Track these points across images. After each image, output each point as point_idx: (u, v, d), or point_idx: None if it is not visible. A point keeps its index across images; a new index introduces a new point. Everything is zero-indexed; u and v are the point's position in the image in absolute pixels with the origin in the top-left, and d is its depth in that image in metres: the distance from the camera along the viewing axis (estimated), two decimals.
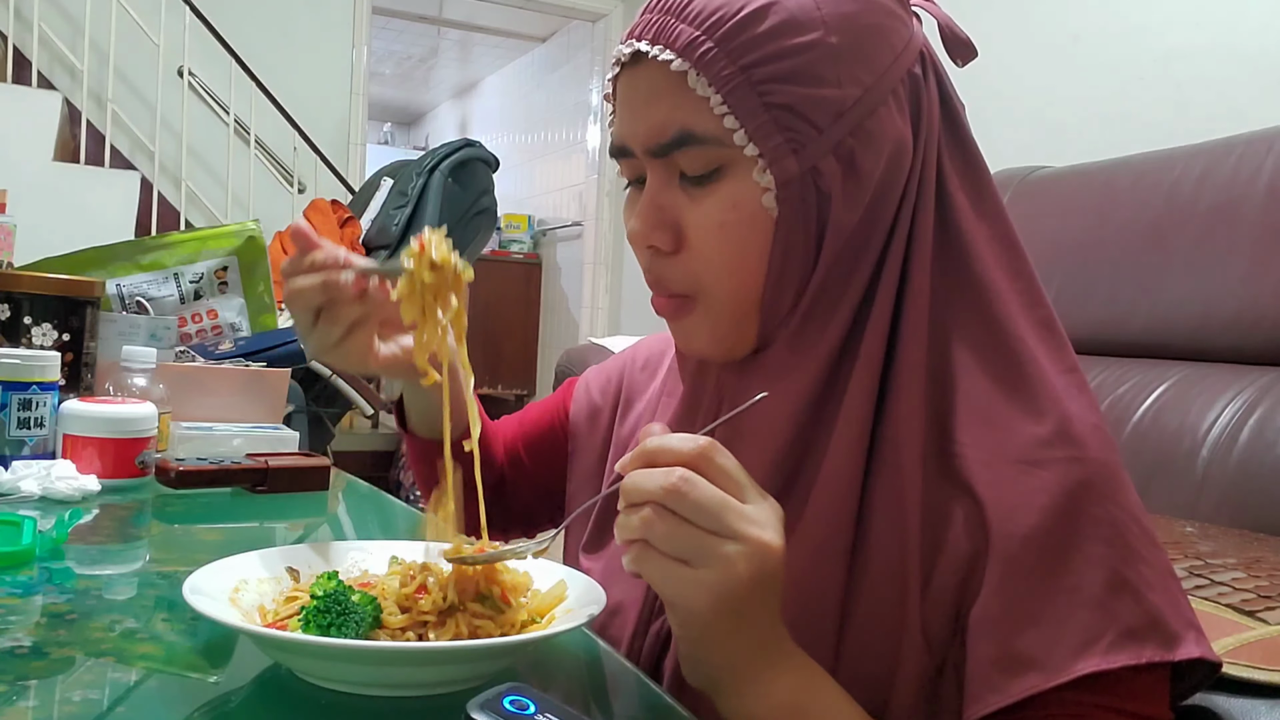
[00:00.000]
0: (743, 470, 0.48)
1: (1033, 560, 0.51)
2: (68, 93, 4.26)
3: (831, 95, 0.54)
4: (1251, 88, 2.11)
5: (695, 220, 0.57)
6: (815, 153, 0.54)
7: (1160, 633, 0.50)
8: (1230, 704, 0.89)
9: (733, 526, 0.46)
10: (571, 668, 0.60)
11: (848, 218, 0.56)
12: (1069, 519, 0.51)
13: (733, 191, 0.56)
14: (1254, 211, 1.58)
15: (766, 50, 0.53)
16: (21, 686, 0.48)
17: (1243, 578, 1.07)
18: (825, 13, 0.54)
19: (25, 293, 1.14)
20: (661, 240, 0.58)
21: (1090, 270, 1.84)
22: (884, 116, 0.56)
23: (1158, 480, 1.57)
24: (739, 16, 0.54)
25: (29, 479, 0.88)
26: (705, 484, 0.47)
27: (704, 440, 0.48)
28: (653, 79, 0.56)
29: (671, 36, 0.55)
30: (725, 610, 0.47)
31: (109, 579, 0.71)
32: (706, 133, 0.55)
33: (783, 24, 0.54)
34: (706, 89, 0.54)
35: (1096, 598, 0.50)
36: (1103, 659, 0.49)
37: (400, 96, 8.76)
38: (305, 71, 4.77)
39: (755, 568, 0.46)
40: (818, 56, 0.54)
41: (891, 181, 0.57)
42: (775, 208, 0.55)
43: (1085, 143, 2.27)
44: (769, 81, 0.53)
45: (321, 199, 3.38)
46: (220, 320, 1.78)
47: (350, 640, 0.49)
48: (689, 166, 0.56)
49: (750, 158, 0.55)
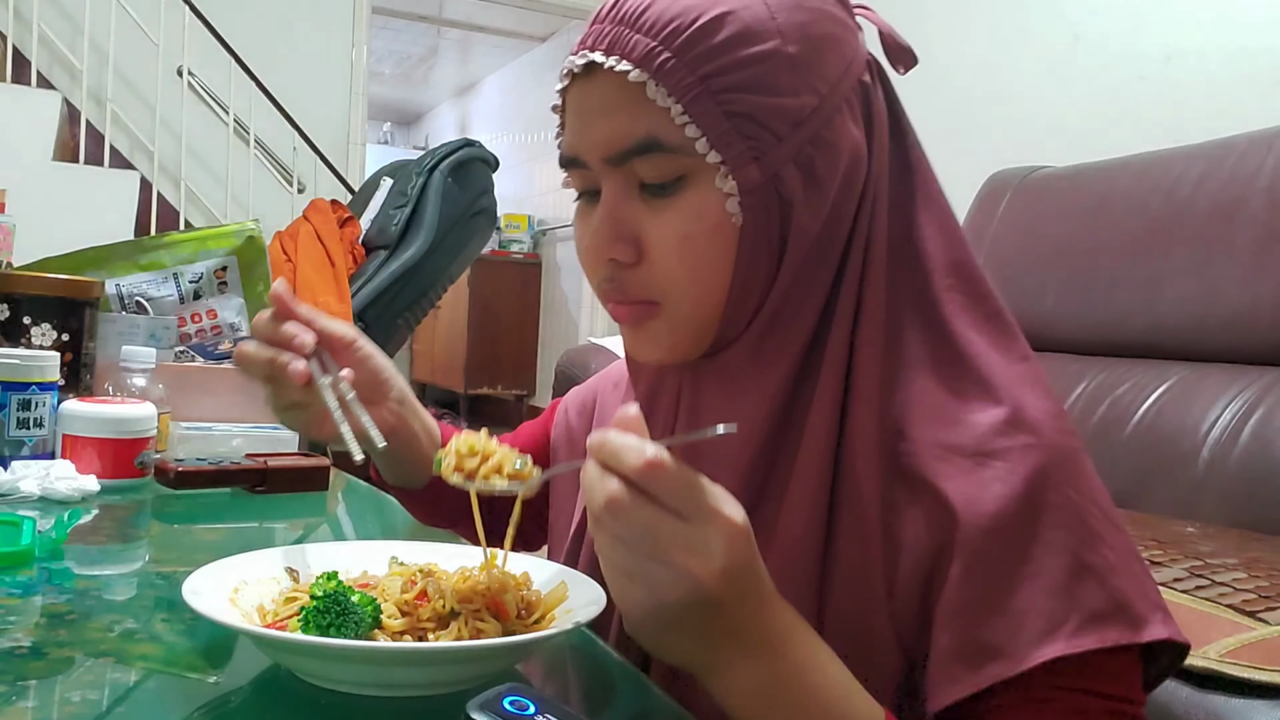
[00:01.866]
0: (693, 486, 0.45)
1: (994, 550, 0.51)
2: (67, 92, 4.25)
3: (790, 104, 0.54)
4: (1251, 88, 2.11)
5: (657, 231, 0.56)
6: (776, 161, 0.55)
7: (1126, 615, 0.51)
8: (1230, 704, 0.89)
9: (664, 553, 0.44)
10: (571, 668, 0.60)
11: (809, 226, 0.56)
12: (1028, 506, 0.52)
13: (696, 202, 0.55)
14: (1254, 211, 1.58)
15: (724, 60, 0.53)
16: (21, 687, 0.48)
17: (1243, 578, 1.07)
18: (780, 22, 0.55)
19: (24, 293, 1.14)
20: (622, 253, 0.57)
21: (1090, 270, 1.84)
22: (840, 125, 0.56)
23: (1158, 480, 1.57)
24: (695, 26, 0.53)
25: (28, 479, 0.88)
26: (640, 507, 0.44)
27: (651, 453, 0.44)
28: (608, 90, 0.55)
29: (627, 47, 0.54)
30: (658, 627, 0.46)
31: (108, 579, 0.70)
32: (668, 141, 0.54)
33: (739, 34, 0.54)
34: (666, 99, 0.53)
35: (1059, 583, 0.50)
36: (1067, 644, 0.49)
37: (400, 96, 8.76)
38: (305, 71, 4.77)
39: (683, 594, 0.44)
40: (775, 66, 0.54)
41: (849, 189, 0.57)
42: (739, 215, 0.55)
43: (1085, 143, 2.27)
44: (728, 91, 0.53)
45: (321, 199, 3.37)
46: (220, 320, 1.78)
47: (350, 641, 0.49)
48: (649, 175, 0.56)
49: (712, 165, 0.54)
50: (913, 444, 0.55)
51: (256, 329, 0.69)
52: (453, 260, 3.23)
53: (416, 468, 0.80)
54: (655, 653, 0.49)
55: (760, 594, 0.47)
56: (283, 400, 0.69)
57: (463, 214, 3.22)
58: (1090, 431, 1.69)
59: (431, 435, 0.81)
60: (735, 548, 0.45)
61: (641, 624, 0.47)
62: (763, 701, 0.48)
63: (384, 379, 0.75)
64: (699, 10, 0.54)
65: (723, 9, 0.54)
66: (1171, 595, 1.03)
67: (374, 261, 3.13)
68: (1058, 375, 1.81)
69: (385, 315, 3.09)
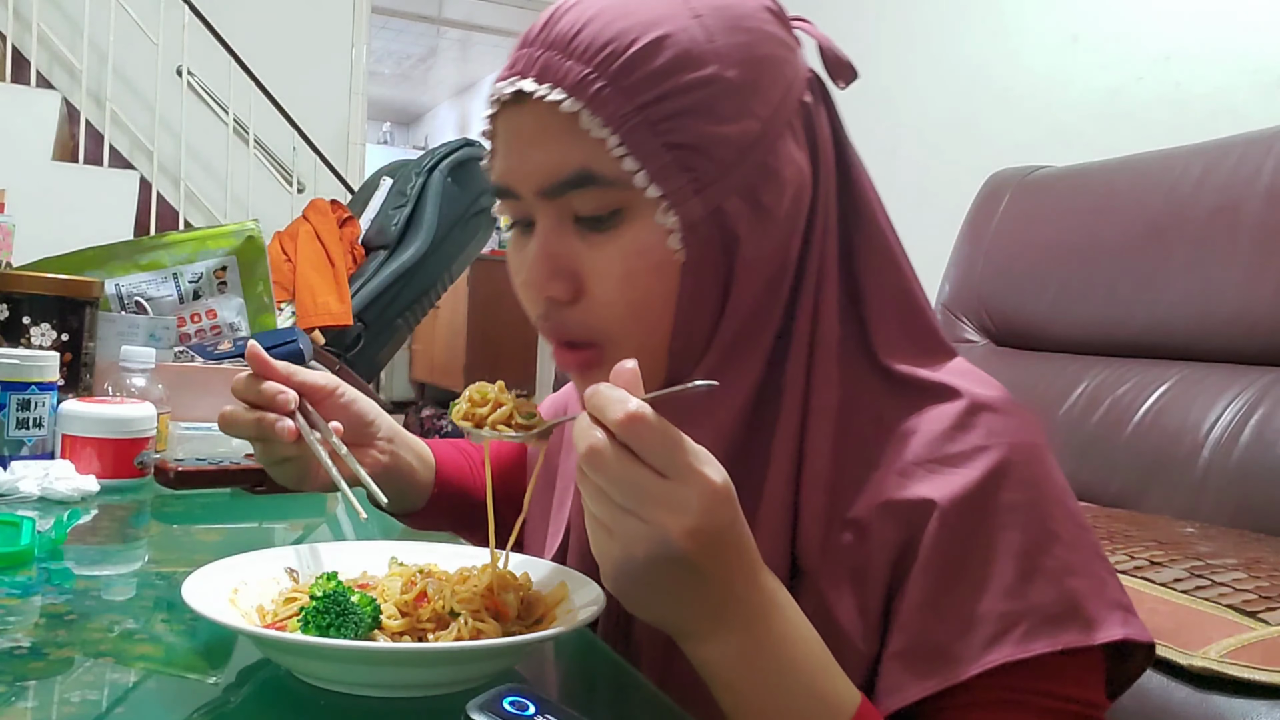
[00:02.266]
0: (673, 443, 0.44)
1: (948, 553, 0.51)
2: (66, 92, 4.26)
3: (732, 131, 0.52)
4: (1251, 88, 2.11)
5: (596, 267, 0.54)
6: (719, 192, 0.52)
7: (1079, 617, 0.50)
8: (1230, 704, 0.89)
9: (638, 506, 0.43)
10: (571, 668, 0.60)
11: (757, 258, 0.54)
12: (982, 508, 0.51)
13: (636, 237, 0.53)
14: (1254, 212, 1.58)
15: (662, 87, 0.51)
16: (20, 687, 0.48)
17: (1243, 578, 1.07)
18: (719, 45, 0.52)
19: (24, 293, 1.14)
20: (559, 290, 0.55)
21: (1090, 270, 1.84)
22: (783, 150, 0.54)
23: (1158, 480, 1.57)
24: (631, 52, 0.51)
25: (28, 479, 0.88)
26: (619, 459, 0.43)
27: (634, 406, 0.43)
28: (539, 119, 0.52)
29: (559, 74, 0.51)
30: (631, 583, 0.45)
31: (108, 580, 0.70)
32: (604, 174, 0.51)
33: (677, 59, 0.51)
34: (601, 129, 0.51)
35: (1009, 586, 0.50)
36: (1016, 647, 0.49)
37: (399, 96, 8.76)
38: (304, 71, 4.77)
39: (652, 549, 0.43)
40: (715, 92, 0.52)
41: (795, 216, 0.56)
42: (681, 251, 0.53)
43: (1085, 143, 2.27)
44: (667, 120, 0.51)
45: (321, 199, 3.37)
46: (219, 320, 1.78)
47: (349, 641, 0.49)
48: (585, 208, 0.53)
49: (652, 200, 0.52)
50: (866, 472, 0.55)
51: (237, 391, 0.69)
52: (452, 260, 3.23)
53: (415, 494, 0.81)
54: (634, 611, 0.48)
55: (741, 561, 0.46)
56: (273, 456, 0.69)
57: (462, 214, 3.22)
58: (1090, 431, 1.69)
59: (425, 460, 0.82)
60: (711, 508, 0.44)
61: (615, 579, 0.46)
62: (739, 671, 0.47)
63: (370, 420, 0.75)
64: (634, 34, 0.51)
65: (658, 33, 0.51)
66: (1171, 595, 1.03)
67: (374, 261, 3.14)
68: (1057, 375, 1.81)
69: (385, 315, 3.09)
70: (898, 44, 3.13)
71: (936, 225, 2.50)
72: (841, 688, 0.48)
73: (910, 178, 3.01)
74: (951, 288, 2.16)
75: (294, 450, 0.68)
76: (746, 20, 0.54)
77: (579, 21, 0.52)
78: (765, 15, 0.55)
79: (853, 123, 0.61)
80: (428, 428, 5.20)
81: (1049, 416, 1.76)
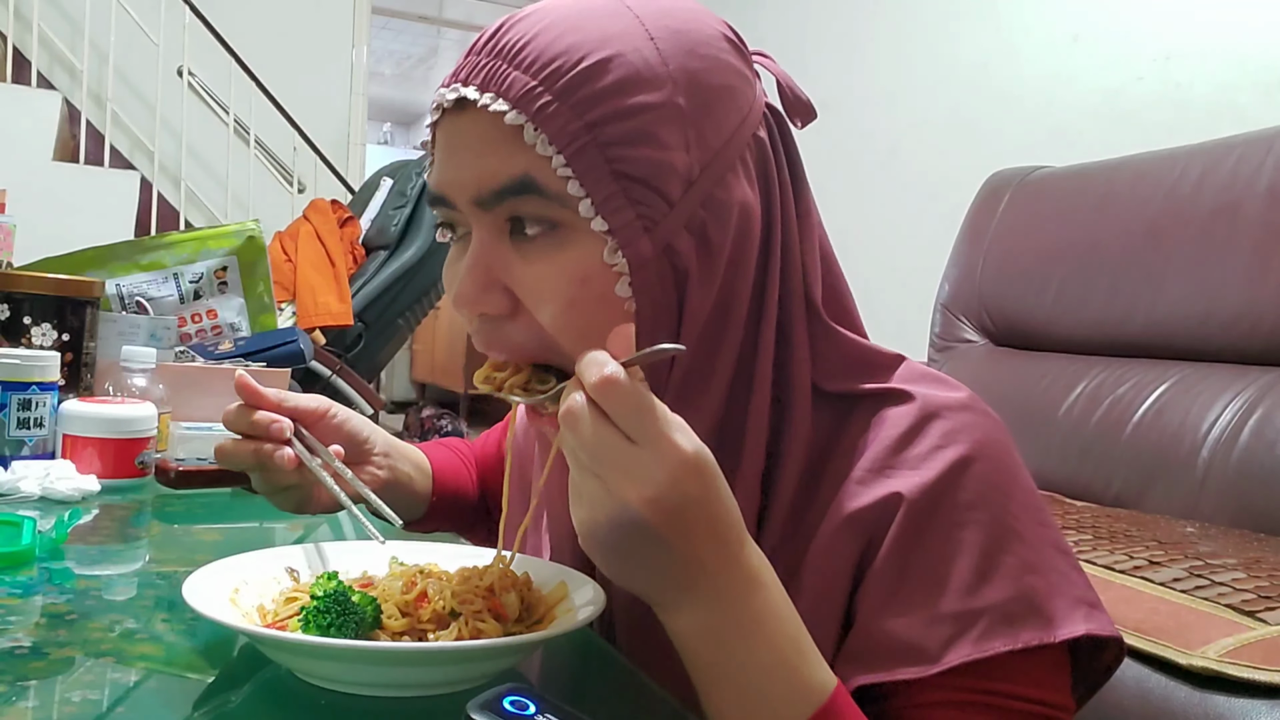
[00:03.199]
0: (645, 409, 0.43)
1: (906, 553, 0.51)
2: (67, 92, 4.26)
3: (680, 162, 0.50)
4: (1251, 88, 2.11)
5: (530, 284, 0.52)
6: (669, 230, 0.50)
7: (1039, 615, 0.49)
8: (1230, 704, 0.89)
9: (604, 470, 0.43)
10: (571, 668, 0.60)
11: (704, 295, 0.52)
12: (939, 507, 0.51)
13: (578, 263, 0.50)
14: (1254, 211, 1.58)
15: (611, 107, 0.48)
16: (21, 687, 0.48)
17: (1243, 578, 1.07)
18: (672, 69, 0.50)
19: (25, 293, 1.14)
20: (493, 305, 0.53)
21: (1090, 270, 1.84)
22: (732, 184, 0.52)
23: (1158, 480, 1.57)
24: (580, 67, 0.48)
25: (28, 479, 0.88)
26: (592, 423, 0.43)
27: (610, 370, 0.43)
28: (482, 128, 0.50)
29: (504, 84, 0.49)
30: (599, 548, 0.44)
31: (108, 579, 0.70)
32: (548, 186, 0.49)
33: (628, 79, 0.49)
34: (547, 147, 0.48)
35: (967, 584, 0.49)
36: (974, 647, 0.48)
37: (400, 96, 8.76)
38: (305, 71, 4.77)
39: (612, 515, 0.43)
40: (665, 117, 0.49)
41: (743, 251, 0.53)
42: (631, 296, 0.50)
43: (1085, 143, 2.27)
44: (616, 145, 0.49)
45: (321, 199, 3.37)
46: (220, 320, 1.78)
47: (350, 641, 0.49)
48: (524, 218, 0.51)
49: (593, 224, 0.49)
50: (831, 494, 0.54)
51: (229, 423, 0.67)
52: None
53: (416, 504, 0.81)
54: (610, 577, 0.47)
55: (715, 533, 0.44)
56: (274, 485, 0.68)
57: None
58: (1090, 431, 1.69)
59: (422, 469, 0.82)
60: (677, 479, 0.42)
61: (583, 540, 0.45)
62: (708, 644, 0.46)
63: (364, 438, 0.74)
64: (584, 50, 0.49)
65: (611, 50, 0.49)
66: (1171, 595, 1.03)
67: (374, 261, 3.14)
68: (1058, 375, 1.81)
69: (385, 315, 3.09)
70: (898, 44, 3.13)
71: (936, 225, 2.50)
72: (818, 673, 0.46)
73: (910, 178, 3.01)
74: (951, 288, 2.16)
75: (295, 478, 0.67)
76: (703, 47, 0.52)
77: (528, 33, 0.50)
78: (723, 44, 0.53)
79: (853, 124, 0.61)
80: (428, 428, 5.20)
81: (1049, 416, 1.77)
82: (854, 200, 3.03)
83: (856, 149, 3.13)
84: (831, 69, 3.29)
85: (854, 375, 0.57)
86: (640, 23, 0.51)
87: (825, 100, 3.77)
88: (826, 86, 3.23)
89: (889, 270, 2.86)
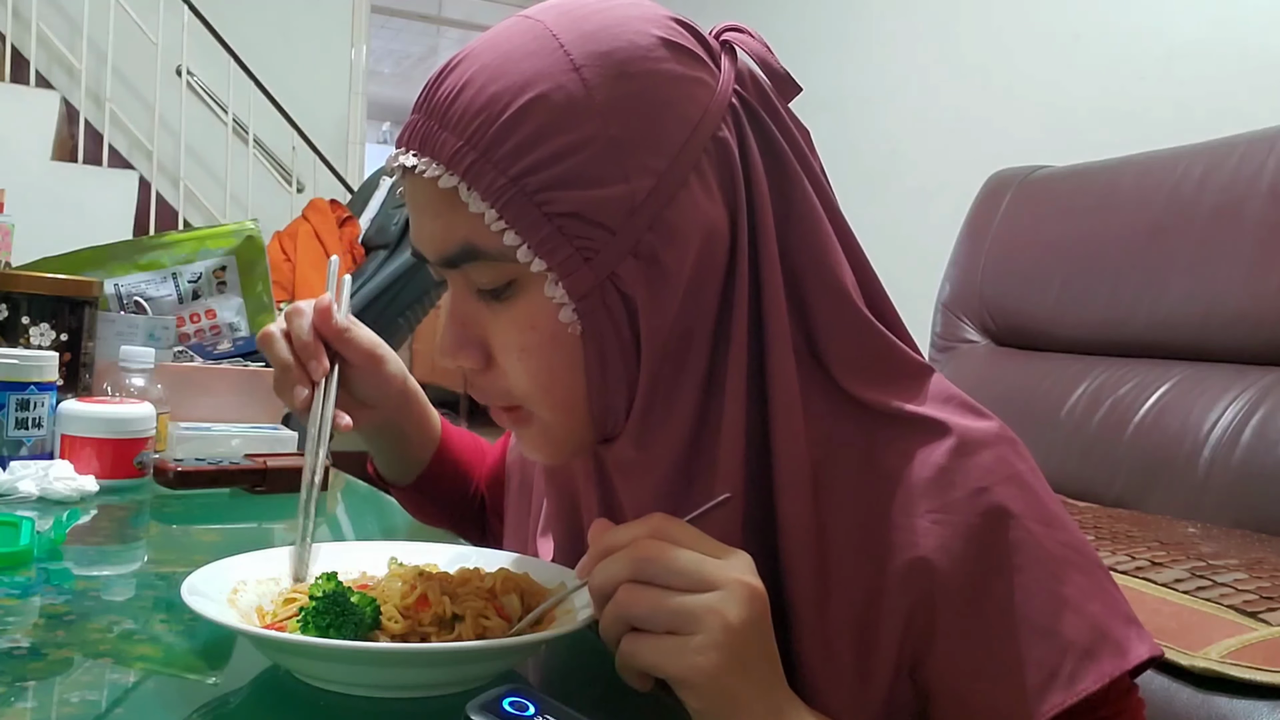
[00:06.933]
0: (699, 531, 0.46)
1: (971, 607, 0.50)
2: (66, 92, 4.26)
3: (619, 193, 0.48)
4: (1253, 87, 2.11)
5: (498, 338, 0.53)
6: (611, 257, 0.49)
7: (1110, 642, 0.50)
8: (1232, 705, 0.88)
9: (712, 576, 0.44)
10: (571, 668, 0.60)
11: (661, 319, 0.51)
12: (993, 555, 0.50)
13: (528, 310, 0.51)
14: (1256, 211, 1.58)
15: (537, 155, 0.48)
16: (20, 688, 0.47)
17: (1245, 579, 1.07)
18: (599, 99, 0.48)
19: (23, 292, 1.14)
20: (469, 359, 0.54)
21: (1092, 270, 1.84)
22: (685, 201, 0.50)
23: (1159, 481, 1.57)
24: (502, 120, 0.48)
25: (27, 479, 0.88)
26: (672, 545, 0.45)
27: (655, 516, 0.47)
28: (426, 191, 0.51)
29: (436, 146, 0.50)
30: (733, 664, 0.44)
31: (107, 580, 0.70)
32: (489, 248, 0.49)
33: (551, 123, 0.48)
34: (480, 204, 0.48)
35: (1043, 627, 0.49)
36: (1067, 692, 0.48)
37: (400, 96, 8.76)
38: (304, 71, 4.77)
39: (746, 610, 0.44)
40: (596, 153, 0.48)
41: (707, 269, 0.52)
42: (577, 322, 0.50)
43: (1086, 143, 2.27)
44: (545, 190, 0.48)
45: (320, 198, 3.37)
46: (218, 320, 1.77)
47: (349, 641, 0.48)
48: (480, 280, 0.52)
49: (539, 274, 0.49)
50: (861, 519, 0.52)
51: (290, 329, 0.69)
52: None
53: (406, 466, 0.82)
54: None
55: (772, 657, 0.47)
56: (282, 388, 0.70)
57: None
58: (1092, 432, 1.69)
59: (425, 435, 0.83)
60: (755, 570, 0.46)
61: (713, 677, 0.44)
62: None
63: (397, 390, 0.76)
64: (505, 99, 0.48)
65: (532, 94, 0.48)
66: (1173, 596, 1.03)
67: (374, 261, 3.13)
68: (1059, 375, 1.81)
69: (385, 315, 3.09)
70: (898, 44, 3.13)
71: (937, 225, 2.50)
72: None
73: (910, 178, 3.01)
74: (952, 288, 2.16)
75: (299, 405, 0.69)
76: (633, 65, 0.49)
77: (455, 86, 0.50)
78: (660, 53, 0.50)
79: (853, 124, 0.60)
80: None
81: (1050, 417, 1.76)
82: (854, 200, 3.02)
83: (857, 149, 3.13)
84: (831, 69, 3.29)
85: (880, 380, 0.55)
86: (565, 53, 0.49)
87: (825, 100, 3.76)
88: (826, 86, 3.22)
89: (890, 270, 2.84)
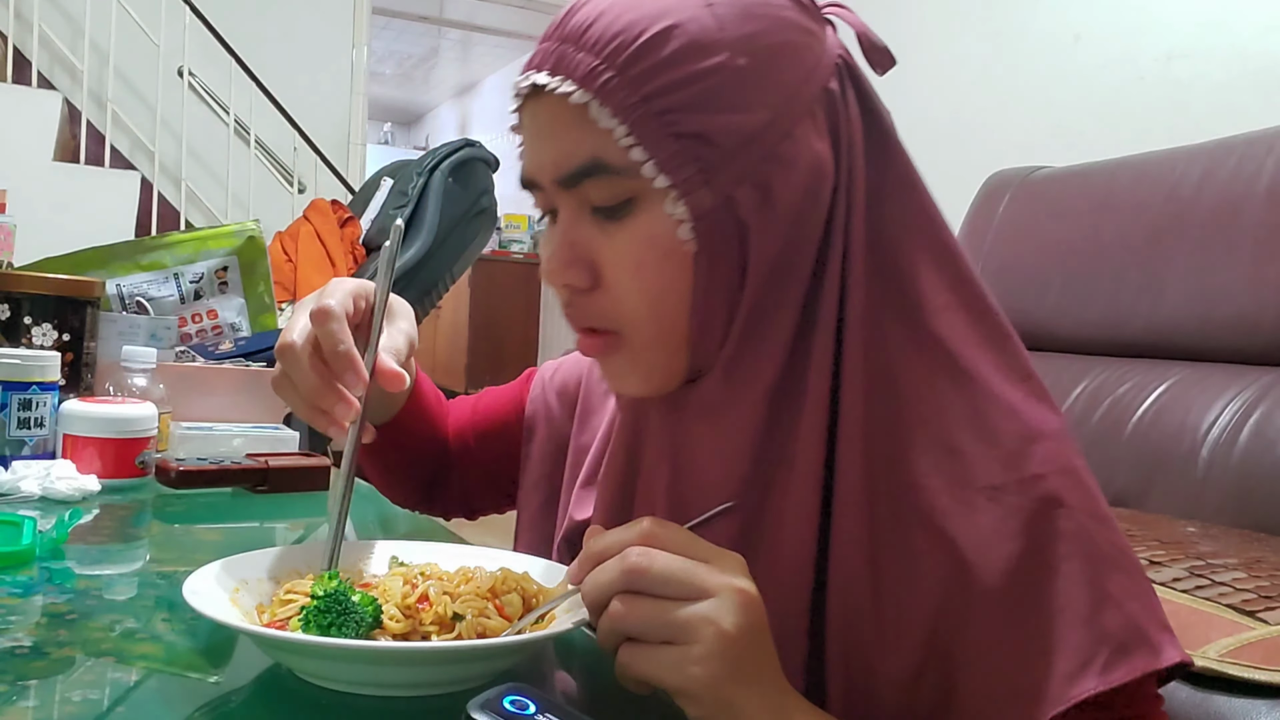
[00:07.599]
0: (691, 535, 0.48)
1: (1014, 589, 0.51)
2: (68, 93, 4.26)
3: (741, 121, 0.52)
4: (1252, 88, 2.11)
5: (610, 257, 0.55)
6: (728, 182, 0.52)
7: (1145, 642, 0.50)
8: (1231, 704, 0.89)
9: (704, 583, 0.45)
10: (571, 668, 0.60)
11: (768, 247, 0.54)
12: (1042, 540, 0.51)
13: (647, 226, 0.53)
14: (1255, 212, 1.58)
15: (670, 77, 0.51)
16: (21, 686, 0.48)
17: (1243, 578, 1.07)
18: (729, 34, 0.52)
19: (25, 293, 1.14)
20: (576, 278, 0.56)
21: (1091, 270, 1.84)
22: (799, 139, 0.53)
23: (1158, 480, 1.57)
24: (639, 43, 0.51)
25: (29, 479, 0.88)
26: (662, 553, 0.46)
27: (644, 520, 0.47)
28: (554, 111, 0.54)
29: (571, 66, 0.52)
30: (731, 673, 0.44)
31: (109, 579, 0.70)
32: (614, 163, 0.52)
33: (685, 48, 0.51)
34: (610, 120, 0.51)
35: (1083, 616, 0.50)
36: (1100, 679, 0.49)
37: (400, 96, 8.77)
38: (305, 71, 4.77)
39: (741, 617, 0.45)
40: (724, 80, 0.51)
41: (812, 205, 0.55)
42: (692, 241, 0.53)
43: (1086, 143, 2.27)
44: (674, 111, 0.51)
45: (321, 199, 3.38)
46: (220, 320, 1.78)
47: (350, 640, 0.49)
48: (599, 197, 0.54)
49: (661, 190, 0.52)
50: (918, 477, 0.53)
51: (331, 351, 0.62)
52: (454, 260, 3.23)
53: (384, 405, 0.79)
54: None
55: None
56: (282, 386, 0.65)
57: (463, 214, 3.22)
58: (1091, 431, 1.69)
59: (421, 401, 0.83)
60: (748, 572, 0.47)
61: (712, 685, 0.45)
62: None
63: None
64: (643, 25, 0.51)
65: (668, 22, 0.51)
66: (1172, 595, 1.03)
67: (375, 262, 3.14)
68: (1058, 375, 1.81)
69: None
70: (898, 43, 3.12)
71: None
72: None
73: None
74: None
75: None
76: (760, 8, 0.53)
77: (592, 15, 0.53)
78: (783, 2, 0.55)
79: None
80: None
81: None
82: None
83: None
84: None
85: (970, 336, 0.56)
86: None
87: None
88: None
89: None
